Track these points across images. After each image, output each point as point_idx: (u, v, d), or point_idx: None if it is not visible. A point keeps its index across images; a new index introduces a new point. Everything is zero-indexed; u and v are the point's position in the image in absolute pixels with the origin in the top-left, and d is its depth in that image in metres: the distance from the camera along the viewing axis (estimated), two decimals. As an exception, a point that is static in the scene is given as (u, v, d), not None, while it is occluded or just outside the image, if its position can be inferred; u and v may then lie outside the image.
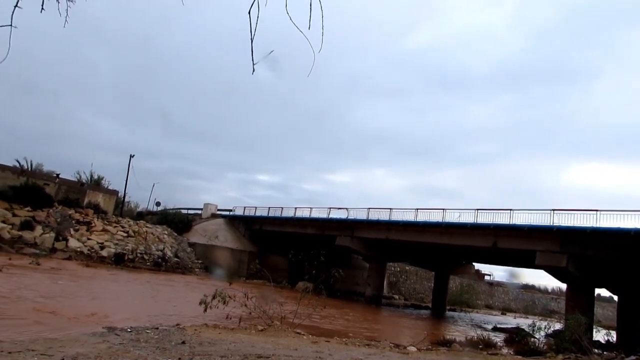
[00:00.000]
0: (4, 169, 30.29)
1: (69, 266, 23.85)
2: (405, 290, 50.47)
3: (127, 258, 29.37)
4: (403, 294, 49.18)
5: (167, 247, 33.77)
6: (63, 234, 28.06)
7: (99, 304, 14.57)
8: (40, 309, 11.97)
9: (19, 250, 24.74)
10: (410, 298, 48.72)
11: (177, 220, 41.72)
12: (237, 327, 11.90)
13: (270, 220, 41.28)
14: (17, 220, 26.81)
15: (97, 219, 32.00)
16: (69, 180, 34.56)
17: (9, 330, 9.26)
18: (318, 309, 14.56)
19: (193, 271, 33.28)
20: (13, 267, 19.64)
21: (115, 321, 11.80)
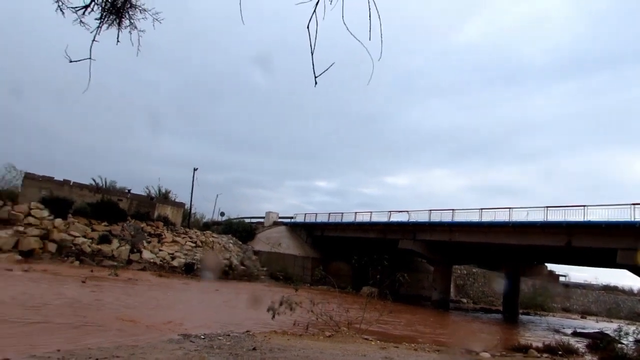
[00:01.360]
0: (82, 188, 32.54)
1: (144, 276, 25.16)
2: (473, 294, 48.81)
3: (196, 267, 30.54)
4: (471, 298, 47.57)
5: (233, 255, 34.77)
6: (137, 246, 29.66)
7: (173, 312, 15.23)
8: (121, 317, 12.69)
9: (99, 263, 26.42)
10: (479, 301, 47.02)
11: (241, 229, 42.86)
12: (305, 334, 12.02)
13: (331, 226, 41.45)
14: (95, 234, 28.68)
15: (166, 230, 33.55)
16: (140, 195, 36.51)
17: (96, 338, 9.89)
18: (384, 314, 14.41)
19: (259, 279, 34.00)
20: (95, 279, 21.00)
21: (189, 328, 12.28)
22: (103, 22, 3.02)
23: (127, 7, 3.04)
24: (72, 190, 31.76)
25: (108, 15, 3.02)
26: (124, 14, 3.06)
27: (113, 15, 3.04)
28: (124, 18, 3.08)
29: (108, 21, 3.05)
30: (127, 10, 3.05)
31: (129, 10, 3.07)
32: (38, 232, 26.02)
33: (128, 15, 3.08)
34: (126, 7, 3.03)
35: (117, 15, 3.06)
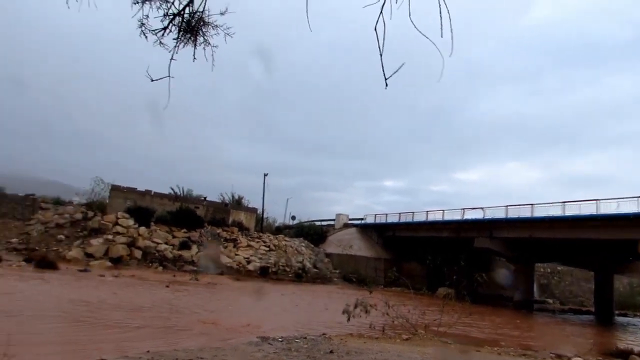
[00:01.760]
0: (162, 197, 34.47)
1: (221, 280, 26.13)
2: (559, 294, 45.80)
3: (270, 271, 31.26)
4: (557, 298, 44.66)
5: (305, 258, 35.22)
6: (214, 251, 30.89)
7: (251, 315, 15.62)
8: (203, 320, 13.23)
9: (180, 268, 27.81)
10: (566, 302, 44.00)
11: (312, 232, 43.32)
12: (381, 336, 11.85)
13: (402, 226, 40.76)
14: (176, 241, 30.23)
15: (241, 235, 34.66)
16: (215, 202, 38.05)
17: (181, 340, 10.37)
18: (463, 316, 13.88)
19: (332, 281, 34.17)
20: (177, 283, 22.11)
21: (267, 331, 12.54)
22: (180, 42, 3.17)
23: (200, 25, 3.16)
24: (153, 199, 33.74)
25: (184, 35, 3.17)
26: (198, 32, 3.19)
27: (188, 34, 3.17)
28: (199, 36, 3.22)
29: (184, 40, 3.20)
30: (201, 28, 3.19)
31: (203, 27, 3.20)
32: (125, 240, 27.88)
33: (202, 32, 3.21)
34: (200, 25, 3.16)
35: (192, 34, 3.20)
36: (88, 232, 28.18)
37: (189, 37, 3.24)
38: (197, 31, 3.24)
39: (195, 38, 3.25)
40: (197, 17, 3.17)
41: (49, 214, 29.65)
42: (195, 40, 3.24)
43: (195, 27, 3.22)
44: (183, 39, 3.22)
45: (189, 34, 3.23)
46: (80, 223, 28.96)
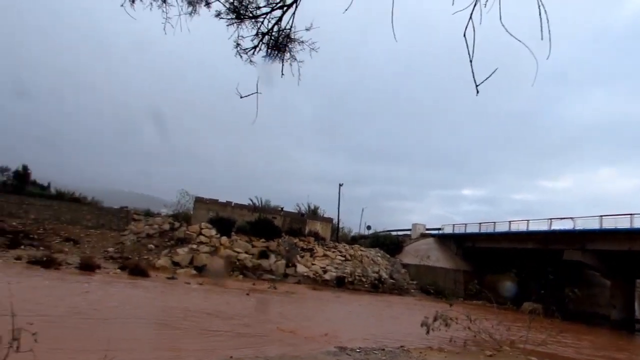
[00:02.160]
0: (241, 208, 35.85)
1: (299, 289, 26.55)
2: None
3: (347, 281, 31.28)
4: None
5: (381, 269, 34.85)
6: (292, 260, 31.49)
7: (329, 325, 15.70)
8: (282, 328, 13.50)
9: (259, 277, 28.66)
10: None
11: (387, 242, 42.82)
12: (462, 351, 11.43)
13: (483, 236, 39.07)
14: (255, 250, 31.22)
15: (317, 245, 35.05)
16: (291, 212, 38.88)
17: (260, 347, 10.67)
18: (552, 333, 13.01)
19: (409, 292, 33.49)
20: (257, 291, 22.79)
21: (344, 341, 12.54)
22: (269, 59, 3.36)
23: (287, 42, 3.33)
24: (233, 210, 35.18)
25: (273, 52, 3.35)
26: (286, 49, 3.36)
27: (276, 51, 3.35)
28: (286, 52, 3.39)
29: (272, 57, 3.39)
30: (287, 45, 3.36)
31: (289, 44, 3.36)
32: (208, 249, 29.27)
33: (288, 49, 3.38)
34: (287, 42, 3.33)
35: (280, 51, 3.37)
36: (175, 241, 29.96)
37: (277, 54, 3.42)
38: (285, 48, 3.40)
39: (283, 55, 3.43)
40: (284, 35, 3.34)
41: (141, 224, 31.91)
42: (283, 56, 3.42)
43: (282, 44, 3.39)
44: (271, 56, 3.40)
45: (277, 51, 3.40)
46: (167, 233, 30.90)
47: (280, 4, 3.20)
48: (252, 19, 3.25)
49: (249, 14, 3.23)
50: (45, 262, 21.15)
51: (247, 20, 3.24)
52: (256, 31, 3.28)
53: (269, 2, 3.25)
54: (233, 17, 3.23)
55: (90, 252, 26.98)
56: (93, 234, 30.70)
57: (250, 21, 3.26)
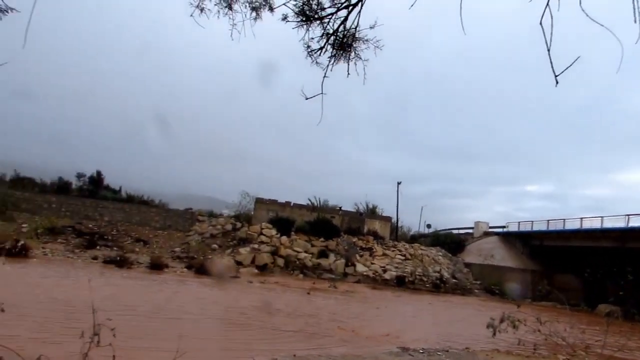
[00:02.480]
0: (300, 208, 36.31)
1: (359, 289, 26.52)
2: None
3: (407, 280, 30.86)
4: None
5: (443, 268, 34.08)
6: (351, 260, 31.50)
7: (390, 324, 15.59)
8: (343, 327, 13.56)
9: (319, 276, 28.92)
10: None
11: (449, 241, 41.82)
12: (532, 355, 10.97)
13: (552, 234, 37.17)
14: (315, 250, 31.52)
15: (376, 244, 34.84)
16: (350, 211, 38.89)
17: (323, 346, 10.77)
18: (633, 338, 12.17)
19: (472, 292, 32.53)
20: (317, 290, 23.01)
21: (406, 341, 12.40)
22: (334, 59, 3.41)
23: (352, 41, 3.36)
24: (292, 210, 35.72)
25: (338, 52, 3.39)
26: (351, 48, 3.40)
27: (342, 50, 3.39)
28: (351, 52, 3.42)
29: (338, 57, 3.43)
30: (352, 44, 3.39)
31: (354, 43, 3.39)
32: (269, 249, 29.90)
33: (353, 48, 3.41)
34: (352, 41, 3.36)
35: (345, 50, 3.41)
36: (237, 241, 30.88)
37: (342, 54, 3.45)
38: (350, 47, 3.43)
39: (349, 54, 3.46)
40: (350, 34, 3.37)
41: (205, 225, 33.16)
42: (348, 56, 3.45)
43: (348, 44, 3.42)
44: (337, 56, 3.45)
45: (342, 51, 3.44)
46: (230, 233, 31.90)
47: (345, 4, 3.24)
48: (319, 20, 3.30)
49: (316, 16, 3.28)
50: (119, 262, 22.53)
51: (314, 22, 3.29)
52: (322, 32, 3.35)
53: (334, 3, 3.30)
54: (302, 20, 3.30)
55: (158, 252, 28.38)
56: (161, 234, 32.25)
57: (316, 22, 3.32)
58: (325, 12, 3.30)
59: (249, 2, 3.42)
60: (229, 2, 3.33)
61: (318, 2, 3.28)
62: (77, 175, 36.24)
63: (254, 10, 3.42)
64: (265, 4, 3.39)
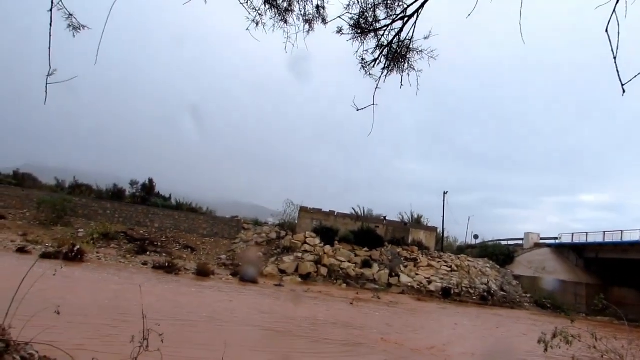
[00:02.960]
0: (344, 217, 36.26)
1: (403, 300, 26.13)
2: None
3: (453, 292, 30.14)
4: None
5: (491, 280, 33.07)
6: (395, 270, 31.12)
7: (435, 337, 15.28)
8: (386, 339, 13.40)
9: (362, 286, 28.74)
10: None
11: (497, 252, 40.55)
12: (588, 373, 10.40)
13: (608, 246, 35.39)
14: (358, 259, 31.36)
15: (421, 255, 34.25)
16: (394, 221, 38.46)
17: (366, 358, 10.70)
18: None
19: (522, 306, 31.36)
20: (360, 300, 22.84)
21: (452, 355, 12.13)
22: (387, 70, 3.44)
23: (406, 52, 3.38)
24: (336, 219, 35.71)
25: (391, 64, 3.42)
26: (405, 59, 3.41)
27: (395, 62, 3.42)
28: (404, 63, 3.44)
29: (391, 68, 3.46)
30: (407, 55, 3.41)
31: (408, 54, 3.41)
32: (312, 258, 30.02)
33: (407, 59, 3.43)
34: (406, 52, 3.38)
35: (398, 62, 3.43)
36: (281, 250, 31.21)
37: (395, 65, 3.48)
38: (404, 58, 3.45)
39: (402, 65, 3.48)
40: (404, 45, 3.39)
41: (250, 233, 33.72)
42: (402, 67, 3.47)
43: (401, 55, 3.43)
44: (390, 67, 3.47)
45: (396, 62, 3.46)
46: (274, 242, 32.29)
47: (401, 15, 3.27)
48: (374, 32, 3.34)
49: (371, 28, 3.32)
50: (167, 268, 23.25)
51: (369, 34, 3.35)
52: (376, 44, 3.38)
53: (389, 15, 3.34)
54: (356, 32, 3.35)
55: (205, 259, 29.11)
56: (208, 241, 33.05)
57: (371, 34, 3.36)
58: (380, 24, 3.35)
59: (303, 15, 3.50)
60: (284, 16, 3.42)
61: (374, 15, 3.32)
62: (130, 182, 37.75)
63: (307, 22, 3.51)
64: (318, 17, 3.47)
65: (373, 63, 3.43)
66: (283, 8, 3.38)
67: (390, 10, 3.32)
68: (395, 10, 3.29)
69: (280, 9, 3.36)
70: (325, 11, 3.47)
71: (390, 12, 3.34)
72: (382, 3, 3.29)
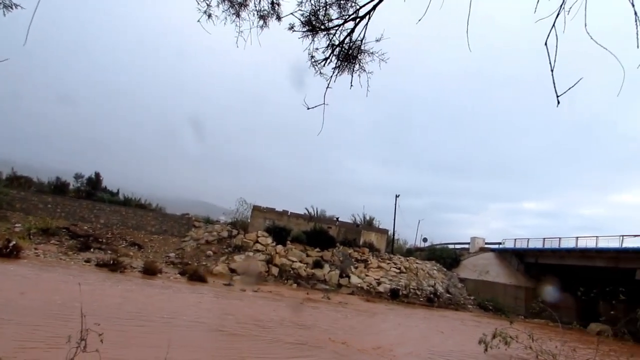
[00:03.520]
0: (297, 217, 36.26)
1: (352, 300, 26.40)
2: None
3: (401, 293, 30.76)
4: None
5: (437, 282, 34.02)
6: (345, 271, 31.42)
7: (382, 337, 15.53)
8: (334, 339, 13.49)
9: (313, 286, 28.80)
10: None
11: (444, 255, 41.80)
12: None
13: (547, 252, 37.25)
14: (310, 260, 31.44)
15: (372, 256, 34.77)
16: (347, 222, 38.85)
17: (312, 357, 10.73)
18: (622, 357, 12.15)
19: (466, 307, 32.45)
20: (310, 301, 22.90)
21: (398, 355, 12.37)
22: (338, 70, 3.45)
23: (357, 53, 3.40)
24: (289, 219, 35.67)
25: (343, 63, 3.44)
26: (356, 60, 3.44)
27: (346, 62, 3.44)
28: (355, 63, 3.46)
29: (342, 68, 3.47)
30: (358, 56, 3.43)
31: (359, 55, 3.44)
32: (264, 257, 29.82)
33: (358, 60, 3.45)
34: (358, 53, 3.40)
35: (349, 62, 3.45)
36: (232, 249, 30.78)
37: (346, 65, 3.50)
38: (355, 59, 3.48)
39: (353, 66, 3.50)
40: (356, 46, 3.41)
41: (200, 231, 33.06)
42: (352, 68, 3.49)
43: (353, 56, 3.46)
44: (341, 67, 3.49)
45: (347, 62, 3.48)
46: (225, 240, 31.81)
47: (353, 16, 3.29)
48: (325, 31, 3.34)
49: (322, 27, 3.32)
50: (112, 265, 22.34)
51: (320, 33, 3.34)
52: (328, 43, 3.39)
53: (341, 15, 3.35)
54: (307, 30, 3.34)
55: (153, 257, 28.25)
56: (156, 239, 32.13)
57: (323, 33, 3.37)
58: (332, 23, 3.36)
59: (257, 11, 3.46)
60: (237, 10, 3.37)
61: (325, 14, 3.33)
62: (75, 175, 36.11)
63: (261, 18, 3.47)
64: (273, 13, 3.44)
65: (324, 62, 3.45)
66: (237, 2, 3.33)
67: (343, 10, 3.36)
68: (347, 10, 3.34)
69: (234, 2, 3.31)
70: (280, 8, 3.46)
71: (343, 12, 3.39)
72: (335, 3, 3.33)
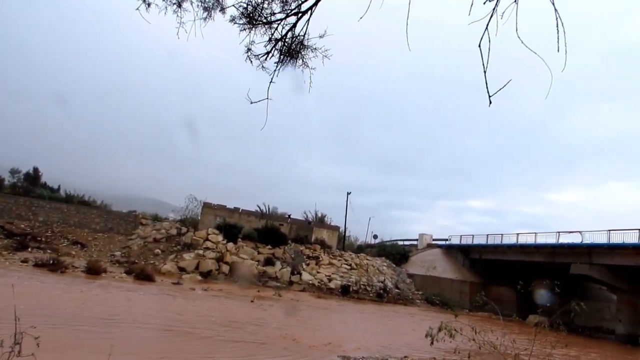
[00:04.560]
0: (249, 214, 35.91)
1: (303, 297, 26.50)
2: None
3: (352, 289, 31.16)
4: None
5: (387, 278, 34.69)
6: (297, 268, 31.45)
7: (332, 333, 15.69)
8: (285, 336, 13.52)
9: (264, 284, 28.64)
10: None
11: (394, 252, 42.61)
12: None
13: (490, 248, 38.86)
14: (261, 257, 31.22)
15: (323, 253, 34.96)
16: (298, 219, 38.87)
17: (263, 354, 10.71)
18: (557, 346, 12.86)
19: (414, 302, 33.32)
20: (261, 298, 22.78)
21: (348, 350, 12.55)
22: (281, 65, 3.44)
23: (300, 48, 3.40)
24: (241, 216, 35.26)
25: (285, 58, 3.42)
26: (298, 55, 3.44)
27: (289, 57, 3.43)
28: (298, 59, 3.46)
29: (285, 63, 3.46)
30: (300, 52, 3.43)
31: (302, 51, 3.44)
32: (214, 255, 29.31)
33: (301, 55, 3.45)
34: (300, 48, 3.40)
35: (292, 57, 3.45)
36: (181, 247, 30.06)
37: (289, 60, 3.49)
38: (297, 54, 3.47)
39: (295, 61, 3.50)
40: (297, 41, 3.41)
41: (148, 229, 32.06)
42: (295, 63, 3.49)
43: (295, 51, 3.46)
44: (284, 62, 3.48)
45: (290, 58, 3.48)
46: (174, 238, 31.00)
47: (295, 11, 3.29)
48: (266, 25, 3.33)
49: (263, 20, 3.31)
50: (52, 265, 21.26)
51: (261, 26, 3.32)
52: (269, 37, 3.37)
53: (283, 9, 3.34)
54: (246, 23, 3.31)
55: (97, 256, 27.14)
56: (101, 237, 30.90)
57: (264, 27, 3.34)
58: (275, 17, 3.34)
59: (201, 2, 3.40)
60: (178, 0, 3.30)
61: (268, 7, 3.32)
62: (11, 171, 34.07)
63: (205, 10, 3.41)
64: (217, 4, 3.39)
65: (265, 56, 3.43)
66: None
67: (286, 4, 3.36)
68: (290, 5, 3.34)
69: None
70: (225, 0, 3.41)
71: (286, 6, 3.39)
72: (277, -5, 3.33)
